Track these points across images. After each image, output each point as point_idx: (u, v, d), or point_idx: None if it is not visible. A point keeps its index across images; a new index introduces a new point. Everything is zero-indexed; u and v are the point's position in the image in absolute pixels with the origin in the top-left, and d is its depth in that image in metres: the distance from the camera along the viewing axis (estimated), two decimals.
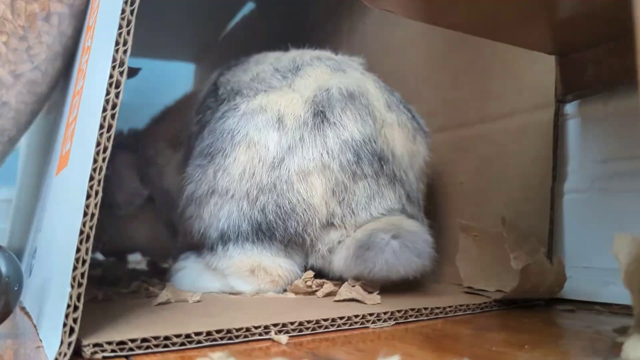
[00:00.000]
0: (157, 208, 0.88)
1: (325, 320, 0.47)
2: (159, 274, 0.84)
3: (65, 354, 0.36)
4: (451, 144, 0.75)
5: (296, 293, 0.61)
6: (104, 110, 0.39)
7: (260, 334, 0.44)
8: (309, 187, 0.60)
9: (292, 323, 0.45)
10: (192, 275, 0.66)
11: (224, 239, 0.62)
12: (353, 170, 0.60)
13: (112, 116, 0.39)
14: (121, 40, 0.40)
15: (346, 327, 0.48)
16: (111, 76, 0.40)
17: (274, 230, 0.60)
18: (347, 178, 0.60)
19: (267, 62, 0.70)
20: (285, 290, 0.62)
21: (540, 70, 0.65)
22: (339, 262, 0.60)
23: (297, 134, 0.60)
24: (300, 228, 0.60)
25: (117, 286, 0.70)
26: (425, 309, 0.52)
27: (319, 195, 0.60)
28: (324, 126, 0.61)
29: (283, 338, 0.43)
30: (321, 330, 0.46)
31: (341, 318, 0.48)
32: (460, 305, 0.55)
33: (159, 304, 0.55)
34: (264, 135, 0.61)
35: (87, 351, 0.37)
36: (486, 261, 0.62)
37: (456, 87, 0.75)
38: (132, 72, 0.76)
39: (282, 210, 0.60)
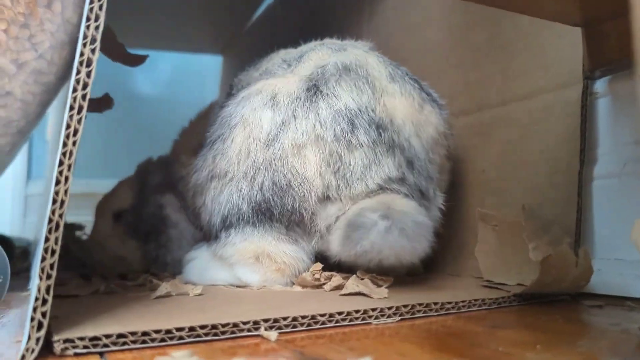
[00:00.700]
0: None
1: (322, 315, 0.43)
2: None
3: (32, 350, 0.34)
4: (472, 128, 0.70)
5: (303, 286, 0.58)
6: (74, 90, 0.37)
7: (249, 330, 0.41)
8: (302, 161, 0.58)
9: (284, 318, 0.42)
10: (201, 265, 0.65)
11: (226, 224, 0.60)
12: (348, 140, 0.58)
13: (83, 97, 0.37)
14: (92, 16, 0.38)
15: (345, 323, 0.44)
16: (82, 54, 0.37)
17: (272, 209, 0.58)
18: (342, 147, 0.58)
19: (278, 57, 0.70)
20: (293, 284, 0.59)
21: (566, 44, 0.59)
22: (333, 243, 0.58)
23: (289, 109, 0.59)
24: (297, 203, 0.58)
25: (125, 278, 0.68)
26: (435, 303, 0.48)
27: (313, 168, 0.58)
28: (317, 98, 0.59)
29: (272, 334, 0.40)
30: (317, 327, 0.43)
31: (340, 313, 0.44)
32: (475, 300, 0.50)
33: (158, 297, 0.53)
34: (258, 114, 0.60)
35: (58, 347, 0.35)
36: (506, 253, 0.57)
37: (477, 66, 0.71)
38: (139, 59, 0.74)
39: (278, 187, 0.58)
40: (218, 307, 0.48)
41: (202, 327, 0.39)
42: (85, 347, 0.36)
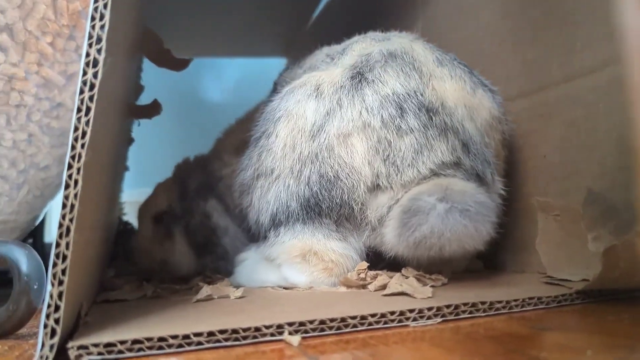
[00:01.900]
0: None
1: (353, 318, 0.40)
2: None
3: (47, 358, 0.34)
4: (531, 111, 0.64)
5: (348, 286, 0.55)
6: (81, 92, 0.36)
7: (272, 334, 0.38)
8: (349, 150, 0.55)
9: (311, 322, 0.39)
10: (249, 268, 0.64)
11: (275, 223, 0.59)
12: (397, 125, 0.55)
13: (90, 98, 0.36)
14: (97, 15, 0.37)
15: (380, 326, 0.41)
16: (87, 54, 0.37)
17: (320, 203, 0.56)
18: (391, 133, 0.55)
19: (322, 53, 0.68)
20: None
21: None
22: (388, 235, 0.54)
23: (334, 98, 0.57)
24: (346, 195, 0.55)
25: (176, 283, 0.68)
26: (483, 303, 0.44)
27: (361, 156, 0.55)
28: (362, 85, 0.57)
29: (295, 339, 0.38)
30: (347, 330, 0.40)
31: (373, 315, 0.41)
32: (530, 299, 0.45)
33: (198, 300, 0.52)
34: (302, 106, 0.58)
35: (72, 354, 0.35)
36: (571, 245, 0.51)
37: (536, 44, 0.64)
38: (183, 63, 0.74)
39: (325, 179, 0.56)
40: (251, 310, 0.46)
41: (222, 331, 0.37)
42: (99, 353, 0.35)
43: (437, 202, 0.49)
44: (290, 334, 0.39)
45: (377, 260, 0.57)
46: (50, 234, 1.17)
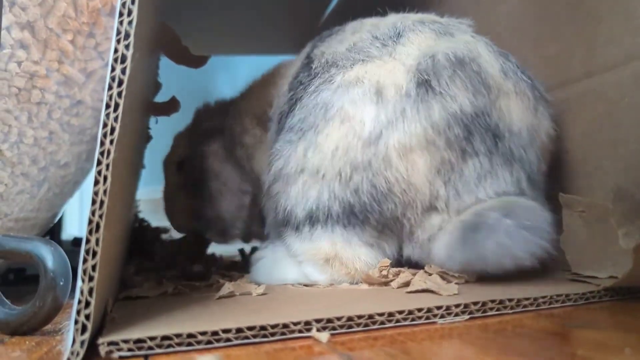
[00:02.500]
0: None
1: (380, 315, 0.40)
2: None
3: (77, 354, 0.34)
4: (553, 107, 0.63)
5: (370, 284, 0.55)
6: (110, 88, 0.36)
7: (300, 331, 0.38)
8: (410, 165, 0.53)
9: (338, 319, 0.39)
10: (269, 264, 0.63)
11: (312, 219, 0.56)
12: (462, 147, 0.52)
13: (119, 94, 0.36)
14: (125, 11, 0.37)
15: (407, 322, 0.41)
16: (116, 50, 0.37)
17: (367, 214, 0.54)
18: (455, 156, 0.52)
19: (364, 30, 0.63)
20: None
21: None
22: (439, 250, 0.53)
23: (398, 106, 0.53)
24: (399, 211, 0.53)
25: (197, 280, 0.68)
26: (510, 300, 0.43)
27: (422, 174, 0.53)
28: (429, 97, 0.53)
29: (323, 336, 0.37)
30: (375, 327, 0.40)
31: (400, 312, 0.41)
32: (558, 296, 0.45)
33: (220, 297, 0.52)
34: (360, 109, 0.54)
35: (102, 350, 0.35)
36: (596, 242, 0.51)
37: (558, 38, 0.64)
38: (201, 60, 0.74)
39: (378, 191, 0.53)
40: (276, 307, 0.46)
41: (250, 328, 0.37)
42: (129, 349, 0.35)
43: (504, 218, 0.48)
44: (318, 330, 0.38)
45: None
46: (67, 232, 1.18)
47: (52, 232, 0.94)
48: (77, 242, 0.97)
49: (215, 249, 1.04)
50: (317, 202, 0.56)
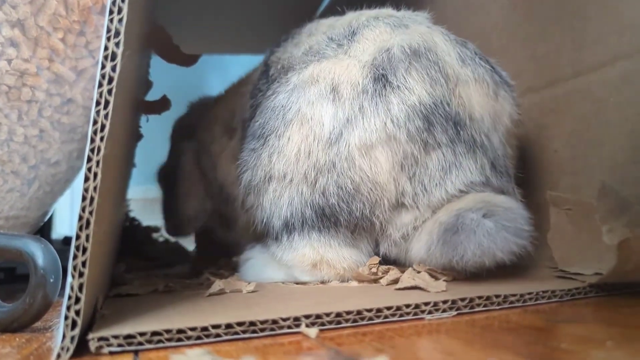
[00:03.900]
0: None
1: (368, 310, 0.41)
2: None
3: (67, 349, 0.34)
4: (541, 106, 0.64)
5: (360, 281, 0.55)
6: (100, 85, 0.36)
7: (289, 327, 0.39)
8: (372, 163, 0.52)
9: (327, 314, 0.40)
10: (258, 265, 0.63)
11: (289, 227, 0.56)
12: (424, 139, 0.52)
13: (109, 91, 0.36)
14: (115, 9, 0.37)
15: (395, 318, 0.41)
16: (106, 48, 0.37)
17: (337, 215, 0.53)
18: (417, 149, 0.52)
19: (320, 32, 0.63)
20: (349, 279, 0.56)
21: None
22: (420, 250, 0.53)
23: (355, 103, 0.53)
24: (367, 210, 0.53)
25: (187, 277, 0.68)
26: (497, 296, 0.44)
27: (385, 171, 0.52)
28: (387, 92, 0.53)
29: (312, 331, 0.38)
30: (364, 323, 0.40)
31: (389, 308, 0.41)
32: (544, 292, 0.45)
33: (210, 294, 0.52)
34: (318, 110, 0.54)
35: (92, 346, 0.35)
36: (582, 239, 0.51)
37: (546, 38, 0.65)
38: (192, 59, 0.74)
39: (345, 192, 0.53)
40: (265, 303, 0.46)
41: (239, 324, 0.38)
42: (119, 345, 0.35)
43: (483, 219, 0.48)
44: (307, 326, 0.39)
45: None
46: (57, 231, 1.18)
47: (43, 230, 0.94)
48: (67, 240, 0.96)
49: None
50: (291, 209, 0.55)
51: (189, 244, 1.12)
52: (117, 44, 0.37)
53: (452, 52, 0.56)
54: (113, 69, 0.37)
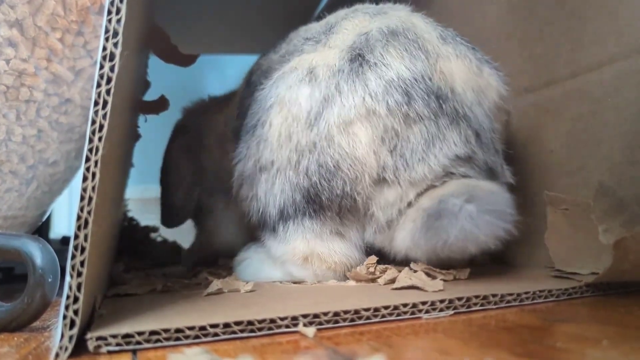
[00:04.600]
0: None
1: (366, 310, 0.41)
2: None
3: (66, 348, 0.34)
4: (538, 106, 0.64)
5: (357, 280, 0.55)
6: (98, 85, 0.36)
7: (287, 326, 0.39)
8: (351, 139, 0.52)
9: (325, 314, 0.40)
10: (254, 265, 0.64)
11: (284, 216, 0.56)
12: (404, 113, 0.51)
13: (108, 92, 0.37)
14: (113, 9, 0.37)
15: (392, 318, 0.41)
16: (104, 48, 0.37)
17: (319, 194, 0.54)
18: (398, 122, 0.52)
19: (298, 36, 0.65)
20: (347, 279, 0.57)
21: None
22: (405, 239, 0.52)
23: (331, 82, 0.54)
24: (348, 187, 0.53)
25: (185, 277, 0.68)
26: (494, 295, 0.44)
27: (365, 145, 0.52)
28: (364, 69, 0.53)
29: (310, 331, 0.38)
30: (361, 322, 0.41)
31: (386, 308, 0.41)
32: (541, 291, 0.46)
33: (209, 294, 0.53)
34: (295, 91, 0.55)
35: (91, 345, 0.35)
36: (579, 238, 0.51)
37: (543, 38, 0.65)
38: (191, 59, 0.74)
39: (325, 169, 0.53)
40: (263, 303, 0.46)
41: (237, 323, 0.38)
42: (118, 344, 0.35)
43: (466, 204, 0.48)
44: (305, 325, 0.39)
45: (377, 256, 0.57)
46: (55, 231, 1.18)
47: (41, 230, 0.94)
48: (65, 240, 0.96)
49: None
50: (284, 197, 0.56)
51: (188, 243, 1.12)
52: (115, 45, 0.37)
53: (432, 32, 0.57)
54: (111, 69, 0.37)
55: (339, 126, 0.52)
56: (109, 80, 0.37)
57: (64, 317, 0.34)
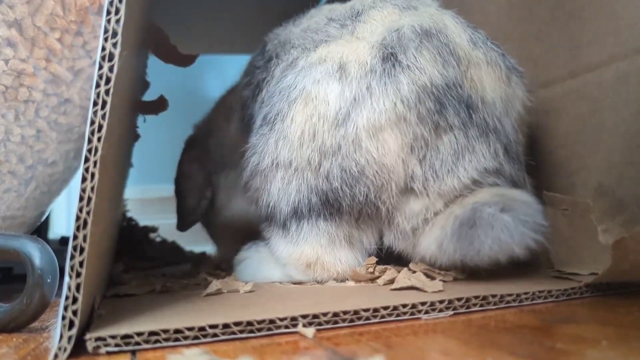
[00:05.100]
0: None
1: (365, 310, 0.41)
2: None
3: (65, 349, 0.34)
4: (538, 106, 0.64)
5: (357, 281, 0.55)
6: (97, 85, 0.36)
7: (286, 327, 0.39)
8: (380, 145, 0.50)
9: (324, 314, 0.40)
10: (254, 264, 0.63)
11: (298, 215, 0.55)
12: (435, 122, 0.50)
13: (107, 92, 0.37)
14: (113, 9, 0.37)
15: (392, 318, 0.41)
16: (103, 48, 0.37)
17: (340, 200, 0.52)
18: (428, 131, 0.50)
19: (320, 14, 0.62)
20: (346, 279, 0.57)
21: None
22: (431, 245, 0.51)
23: (363, 82, 0.51)
24: (372, 194, 0.51)
25: (184, 277, 0.68)
26: (494, 296, 0.44)
27: (394, 153, 0.50)
28: (396, 71, 0.51)
29: (309, 331, 0.38)
30: (360, 323, 0.40)
31: (385, 308, 0.41)
32: (540, 292, 0.46)
33: (208, 294, 0.53)
34: (323, 88, 0.53)
35: (90, 346, 0.35)
36: (579, 239, 0.51)
37: (542, 38, 0.65)
38: (190, 59, 0.74)
39: (348, 174, 0.51)
40: (263, 303, 0.46)
41: (237, 324, 0.38)
42: (117, 345, 0.35)
43: (501, 214, 0.46)
44: (304, 326, 0.39)
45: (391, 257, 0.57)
46: (54, 231, 1.18)
47: (39, 231, 0.94)
48: (64, 241, 0.96)
49: (205, 248, 1.05)
50: (299, 197, 0.54)
51: (187, 243, 1.12)
52: (114, 45, 0.37)
53: (462, 35, 0.55)
54: (110, 69, 0.37)
55: (367, 130, 0.51)
56: (108, 81, 0.37)
57: (63, 317, 0.34)
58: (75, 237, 0.35)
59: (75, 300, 0.34)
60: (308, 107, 0.53)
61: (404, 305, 0.42)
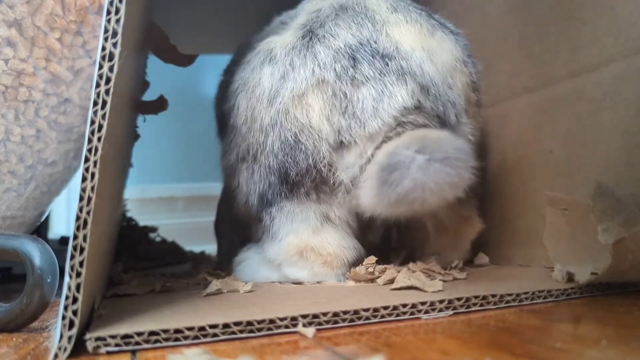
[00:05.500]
0: None
1: (365, 310, 0.41)
2: None
3: (65, 349, 0.34)
4: (536, 107, 0.64)
5: (357, 280, 0.55)
6: (97, 85, 0.36)
7: (286, 326, 0.39)
8: (304, 109, 0.54)
9: (324, 314, 0.40)
10: (252, 266, 0.64)
11: (265, 202, 0.58)
12: (351, 75, 0.54)
13: (107, 92, 0.37)
14: (113, 9, 0.37)
15: (392, 318, 0.41)
16: (103, 48, 0.37)
17: (288, 171, 0.55)
18: (345, 84, 0.54)
19: (277, 20, 0.67)
20: (346, 279, 0.57)
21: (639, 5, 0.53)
22: (366, 195, 0.52)
23: (287, 60, 0.56)
24: (310, 158, 0.54)
25: (184, 277, 0.68)
26: (493, 296, 0.44)
27: (317, 113, 0.54)
28: (313, 42, 0.55)
29: (309, 331, 0.38)
30: (360, 322, 0.41)
31: (385, 308, 0.41)
32: (540, 292, 0.46)
33: (208, 294, 0.53)
34: (257, 73, 0.57)
35: (90, 345, 0.35)
36: (578, 239, 0.51)
37: (541, 38, 0.65)
38: (189, 59, 0.74)
39: (287, 145, 0.55)
40: (262, 303, 0.46)
41: (237, 323, 0.38)
42: (117, 345, 0.35)
43: (416, 154, 0.48)
44: (304, 326, 0.39)
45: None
46: (53, 231, 1.18)
47: (39, 230, 0.94)
48: (64, 240, 0.96)
49: (205, 248, 1.05)
50: (262, 183, 0.57)
51: (187, 243, 1.12)
52: (114, 45, 0.37)
53: (382, 4, 0.58)
54: (110, 69, 0.37)
55: (293, 99, 0.54)
56: (108, 80, 0.37)
57: (63, 317, 0.34)
58: (75, 237, 0.35)
59: (75, 300, 0.34)
60: (247, 93, 0.58)
61: (404, 305, 0.42)
